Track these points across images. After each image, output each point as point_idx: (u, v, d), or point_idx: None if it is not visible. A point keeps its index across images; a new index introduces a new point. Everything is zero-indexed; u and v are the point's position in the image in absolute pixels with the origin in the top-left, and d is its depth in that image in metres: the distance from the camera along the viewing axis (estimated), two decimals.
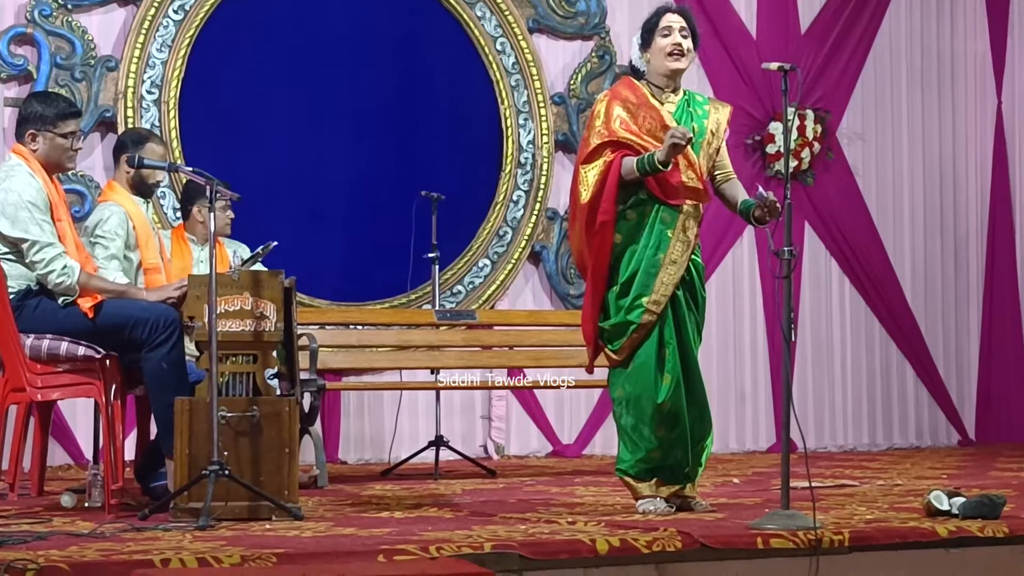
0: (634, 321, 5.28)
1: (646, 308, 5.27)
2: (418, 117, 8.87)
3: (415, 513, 5.41)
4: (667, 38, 5.36)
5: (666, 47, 5.36)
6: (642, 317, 5.27)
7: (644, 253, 5.29)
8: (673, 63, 5.37)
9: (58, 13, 7.95)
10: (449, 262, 8.73)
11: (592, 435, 9.17)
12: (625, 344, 5.31)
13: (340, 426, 8.57)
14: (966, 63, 10.51)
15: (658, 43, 5.38)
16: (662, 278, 5.29)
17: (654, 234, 5.30)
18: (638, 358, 5.31)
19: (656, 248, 5.30)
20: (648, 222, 5.31)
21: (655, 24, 5.39)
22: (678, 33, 5.36)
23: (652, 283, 5.28)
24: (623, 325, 5.30)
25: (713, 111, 5.48)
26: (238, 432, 5.15)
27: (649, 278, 5.28)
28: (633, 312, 5.28)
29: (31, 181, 5.39)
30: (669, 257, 5.30)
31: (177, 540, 4.45)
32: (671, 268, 5.30)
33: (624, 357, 5.32)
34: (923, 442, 10.20)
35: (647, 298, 5.28)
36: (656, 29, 5.38)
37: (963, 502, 5.00)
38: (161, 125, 8.06)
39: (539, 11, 9.15)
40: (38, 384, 5.41)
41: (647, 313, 5.27)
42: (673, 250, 5.31)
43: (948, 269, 10.44)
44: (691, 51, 5.40)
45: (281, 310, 5.25)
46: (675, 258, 5.31)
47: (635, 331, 5.28)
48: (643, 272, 5.28)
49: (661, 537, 4.45)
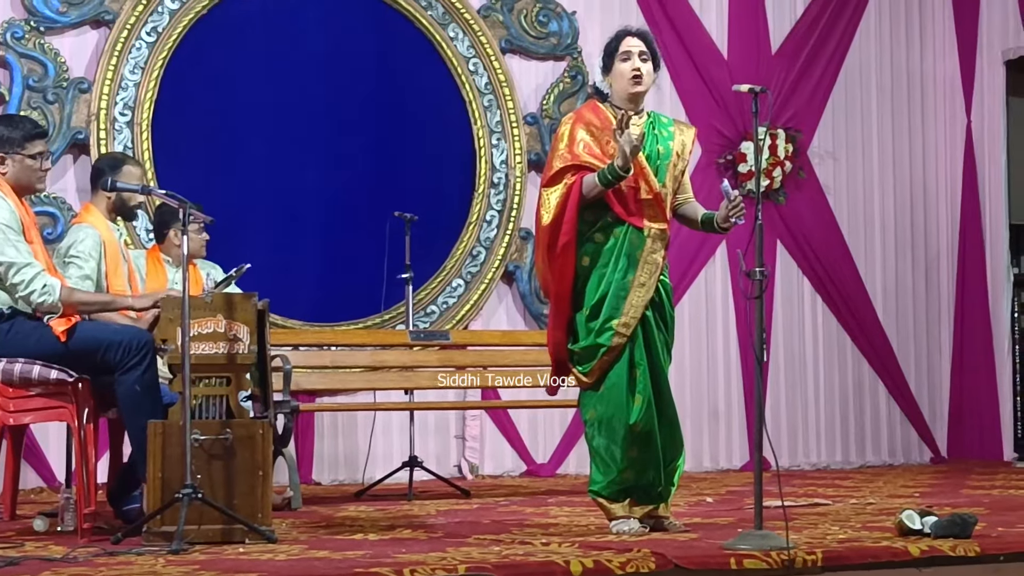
0: (604, 344, 5.30)
1: (616, 331, 5.29)
2: (391, 138, 8.88)
3: (389, 535, 5.40)
4: (626, 63, 5.41)
5: (626, 72, 5.40)
6: (612, 340, 5.29)
7: (613, 276, 5.32)
8: (633, 87, 5.41)
9: (30, 35, 7.94)
10: (422, 282, 8.74)
11: (566, 454, 9.17)
12: (595, 367, 5.33)
13: (314, 447, 8.55)
14: (935, 83, 10.59)
15: (618, 67, 5.42)
16: (631, 301, 5.31)
17: (622, 257, 5.32)
18: (609, 379, 5.32)
19: (624, 271, 5.32)
20: (616, 244, 5.33)
21: (615, 48, 5.44)
22: (637, 57, 5.40)
23: (621, 306, 5.30)
24: (593, 348, 5.32)
25: (678, 132, 5.52)
26: (211, 455, 5.14)
27: (619, 301, 5.30)
28: (603, 335, 5.30)
29: (3, 204, 5.37)
30: (638, 280, 5.32)
31: (150, 564, 4.44)
32: (640, 291, 5.32)
33: (595, 379, 5.34)
34: (896, 459, 10.24)
35: (617, 320, 5.30)
36: (616, 53, 5.43)
37: (935, 521, 5.03)
38: (134, 147, 8.05)
39: (511, 32, 9.18)
40: (10, 408, 5.39)
41: (617, 336, 5.29)
42: (641, 273, 5.33)
43: (919, 287, 10.50)
44: (651, 74, 5.44)
45: (254, 332, 5.24)
46: (643, 281, 5.33)
47: (605, 353, 5.30)
48: (612, 295, 5.31)
49: (635, 558, 4.46)
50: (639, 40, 5.44)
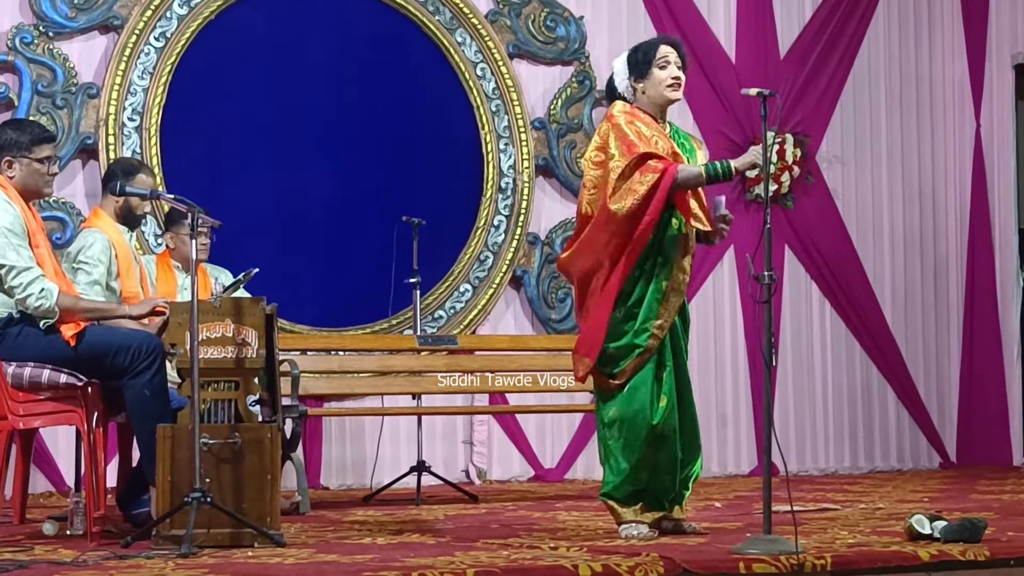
0: (641, 344, 5.34)
1: (652, 332, 5.33)
2: (399, 142, 8.89)
3: (397, 539, 5.40)
4: (665, 70, 5.41)
5: (666, 79, 5.40)
6: (648, 341, 5.34)
7: (652, 281, 5.35)
8: (672, 94, 5.43)
9: (39, 41, 7.96)
10: (430, 287, 8.74)
11: (574, 459, 9.16)
12: (627, 367, 5.34)
13: (322, 452, 8.55)
14: (944, 86, 10.58)
15: (657, 74, 5.41)
16: (666, 304, 5.35)
17: (661, 260, 5.37)
18: (636, 380, 5.35)
19: (663, 276, 5.37)
20: (657, 247, 5.35)
21: (652, 55, 5.42)
22: (675, 65, 5.41)
23: (658, 308, 5.35)
24: (629, 348, 5.34)
25: (696, 147, 5.58)
26: (220, 459, 5.14)
27: (656, 303, 5.34)
28: (641, 336, 5.34)
29: (8, 208, 5.38)
30: (671, 285, 5.37)
31: (160, 568, 4.44)
32: (673, 296, 5.38)
33: (623, 381, 5.35)
34: (904, 465, 10.22)
35: (654, 322, 5.33)
36: (654, 60, 5.41)
37: (945, 526, 5.02)
38: (142, 152, 8.06)
39: (519, 37, 9.18)
40: (20, 412, 5.39)
41: (653, 337, 5.34)
42: (675, 279, 5.38)
43: (928, 291, 10.49)
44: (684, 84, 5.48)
45: (263, 337, 5.25)
46: (676, 286, 5.38)
47: (640, 354, 5.33)
48: (650, 298, 5.35)
49: (643, 562, 4.46)
50: (673, 49, 5.45)
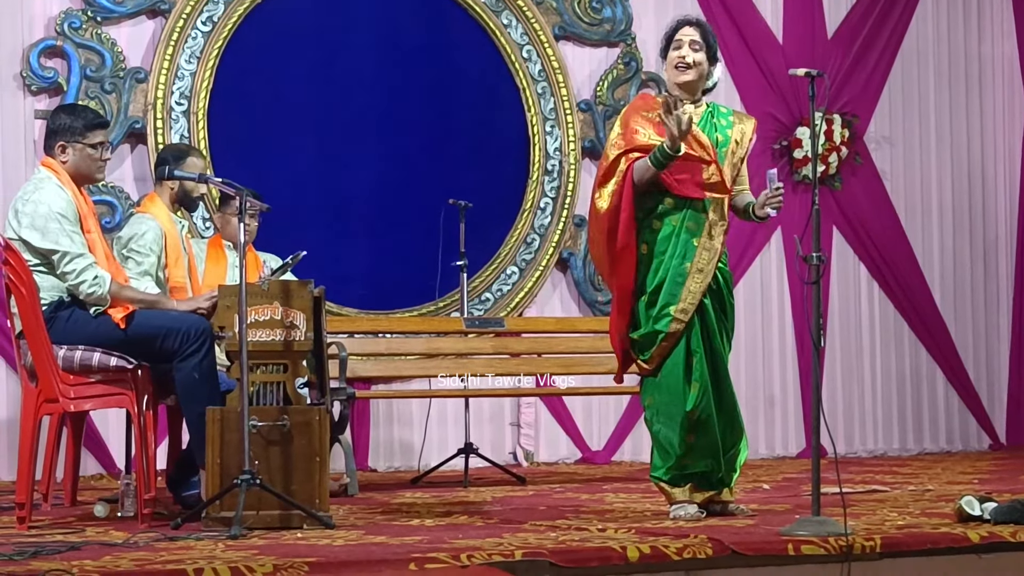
0: (662, 330, 5.31)
1: (674, 317, 5.31)
2: (445, 125, 8.89)
3: (445, 521, 5.42)
4: (676, 51, 5.41)
5: (674, 60, 5.42)
6: (670, 326, 5.31)
7: (670, 263, 5.32)
8: (676, 76, 5.42)
9: (88, 25, 8.00)
10: (477, 270, 8.75)
11: (621, 441, 9.16)
12: (655, 353, 5.34)
13: (370, 434, 8.58)
14: (994, 66, 10.47)
15: (669, 56, 5.46)
16: (689, 287, 5.31)
17: (680, 243, 5.33)
18: (666, 367, 5.35)
19: (683, 257, 5.32)
20: (674, 231, 5.33)
21: (671, 36, 5.47)
22: (687, 46, 5.41)
23: (679, 292, 5.31)
24: (651, 335, 5.33)
25: (737, 121, 5.54)
26: (269, 441, 5.17)
27: (676, 287, 5.31)
28: (661, 321, 5.32)
29: (60, 193, 5.43)
30: (695, 266, 5.32)
31: (209, 549, 4.48)
32: (697, 277, 5.32)
33: (654, 367, 5.36)
34: (954, 447, 10.16)
35: (674, 307, 5.30)
36: (671, 42, 5.45)
37: (995, 507, 4.99)
38: (190, 136, 8.10)
39: (565, 18, 9.16)
40: (71, 395, 5.43)
41: (675, 322, 5.31)
42: (699, 259, 5.33)
43: (977, 273, 10.40)
44: (700, 64, 5.42)
45: (311, 319, 5.27)
46: (701, 267, 5.33)
47: (663, 340, 5.32)
48: (670, 281, 5.31)
49: (692, 544, 4.45)
50: (694, 30, 5.44)
